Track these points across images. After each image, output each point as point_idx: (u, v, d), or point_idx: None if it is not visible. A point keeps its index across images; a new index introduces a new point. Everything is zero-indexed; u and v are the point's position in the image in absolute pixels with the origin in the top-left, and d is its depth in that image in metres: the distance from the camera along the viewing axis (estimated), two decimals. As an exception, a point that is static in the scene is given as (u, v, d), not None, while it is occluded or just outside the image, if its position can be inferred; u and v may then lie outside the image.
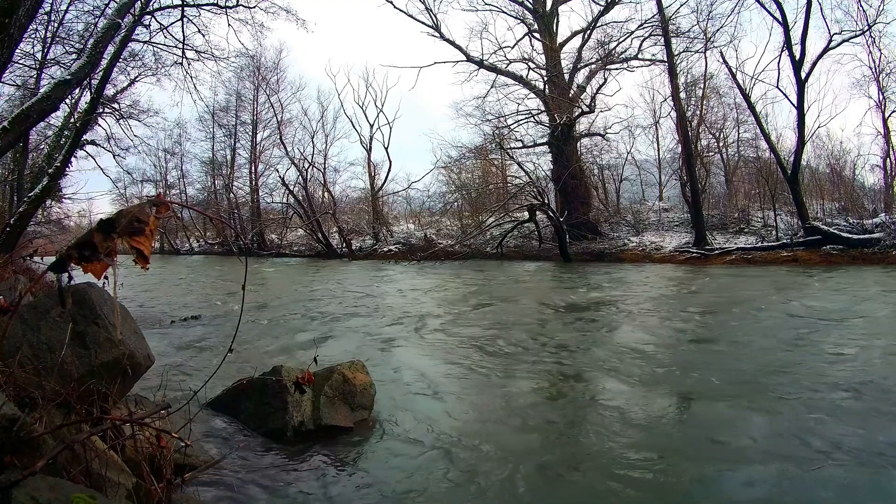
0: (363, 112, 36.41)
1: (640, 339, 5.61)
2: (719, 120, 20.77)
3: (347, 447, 3.02)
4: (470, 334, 6.15)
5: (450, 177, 25.03)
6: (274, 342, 5.96)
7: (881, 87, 16.89)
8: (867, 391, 3.67)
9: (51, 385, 2.06)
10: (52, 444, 1.65)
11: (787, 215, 16.66)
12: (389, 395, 3.87)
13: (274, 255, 26.79)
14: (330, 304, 8.98)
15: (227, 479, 2.55)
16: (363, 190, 29.09)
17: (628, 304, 7.95)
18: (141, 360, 2.57)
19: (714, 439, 3.02)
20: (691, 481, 2.57)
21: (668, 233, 18.89)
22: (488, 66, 21.88)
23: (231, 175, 30.91)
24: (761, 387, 3.85)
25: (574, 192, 20.28)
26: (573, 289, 10.34)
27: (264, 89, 28.86)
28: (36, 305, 2.45)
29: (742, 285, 9.82)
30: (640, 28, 19.57)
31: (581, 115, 20.57)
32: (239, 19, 12.73)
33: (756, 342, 5.23)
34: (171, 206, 1.38)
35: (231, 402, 3.36)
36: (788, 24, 14.35)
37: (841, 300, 7.54)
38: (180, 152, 33.55)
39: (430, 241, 22.61)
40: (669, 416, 3.44)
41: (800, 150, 14.95)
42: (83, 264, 1.26)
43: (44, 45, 12.53)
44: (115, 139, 17.93)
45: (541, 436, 3.20)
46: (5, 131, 6.18)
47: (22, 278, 4.73)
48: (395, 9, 21.84)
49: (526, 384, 4.16)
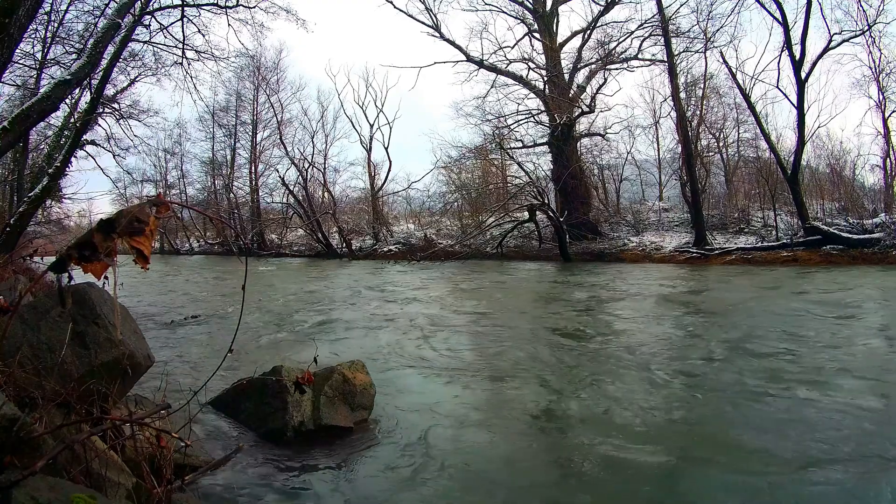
0: (363, 112, 36.58)
1: (640, 339, 5.61)
2: (719, 120, 20.83)
3: (347, 447, 3.02)
4: (470, 334, 6.15)
5: (450, 177, 25.09)
6: (274, 342, 5.96)
7: (881, 87, 16.93)
8: (867, 392, 3.67)
9: (51, 385, 2.06)
10: (52, 444, 1.65)
11: (787, 215, 16.66)
12: (389, 395, 3.87)
13: (274, 255, 26.81)
14: (330, 304, 8.98)
15: (227, 479, 2.55)
16: (363, 190, 29.19)
17: (628, 305, 7.95)
18: (141, 360, 2.57)
19: (714, 439, 3.02)
20: (691, 481, 2.57)
21: (668, 233, 18.90)
22: (488, 66, 21.90)
23: (231, 175, 30.96)
24: (761, 386, 3.85)
25: (574, 192, 20.29)
26: (573, 289, 10.34)
27: (264, 89, 28.95)
28: (36, 305, 2.45)
29: (742, 285, 9.82)
30: (640, 28, 19.64)
31: (581, 115, 20.59)
32: (239, 19, 12.78)
33: (756, 342, 5.23)
34: (171, 206, 1.38)
35: (231, 402, 3.36)
36: (788, 24, 14.38)
37: (841, 300, 7.54)
38: (180, 152, 33.66)
39: (430, 241, 22.62)
40: (669, 416, 3.43)
41: (800, 150, 14.96)
42: (83, 264, 1.26)
43: (44, 45, 12.56)
44: (115, 139, 18.00)
45: (541, 436, 3.20)
46: (5, 131, 6.19)
47: (22, 278, 4.72)
48: (395, 9, 21.95)
49: (526, 384, 4.16)
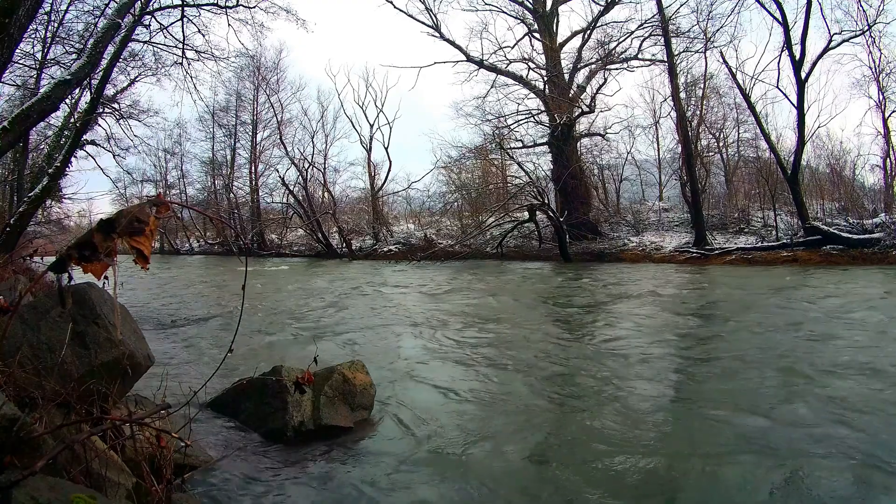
0: (363, 112, 36.52)
1: (640, 339, 5.61)
2: (719, 120, 20.83)
3: (347, 447, 3.02)
4: (470, 334, 6.15)
5: (450, 177, 25.08)
6: (274, 342, 5.96)
7: (881, 87, 16.93)
8: (867, 390, 3.67)
9: (51, 385, 2.06)
10: (52, 444, 1.65)
11: (787, 215, 16.66)
12: (389, 395, 3.87)
13: (274, 255, 26.79)
14: (330, 304, 8.98)
15: (227, 479, 2.55)
16: (363, 190, 29.17)
17: (628, 305, 7.95)
18: (141, 360, 2.57)
19: (713, 438, 3.02)
20: (690, 481, 2.57)
21: (668, 233, 18.89)
22: (488, 66, 21.89)
23: (231, 175, 30.95)
24: (761, 387, 3.85)
25: (574, 192, 20.29)
26: (573, 289, 10.34)
27: (264, 89, 28.94)
28: (36, 305, 2.45)
29: (742, 285, 9.82)
30: (640, 28, 19.63)
31: (581, 115, 20.59)
32: (239, 19, 12.76)
33: (756, 342, 5.23)
34: (171, 206, 1.38)
35: (231, 402, 3.36)
36: (788, 24, 14.38)
37: (840, 300, 7.54)
38: (180, 152, 33.64)
39: (430, 241, 22.61)
40: (669, 416, 3.43)
41: (800, 150, 14.96)
42: (83, 264, 1.26)
43: (44, 45, 12.56)
44: (115, 139, 17.98)
45: (542, 436, 3.19)
46: (5, 131, 6.18)
47: (22, 278, 4.72)
48: (395, 9, 21.93)
49: (526, 384, 4.16)
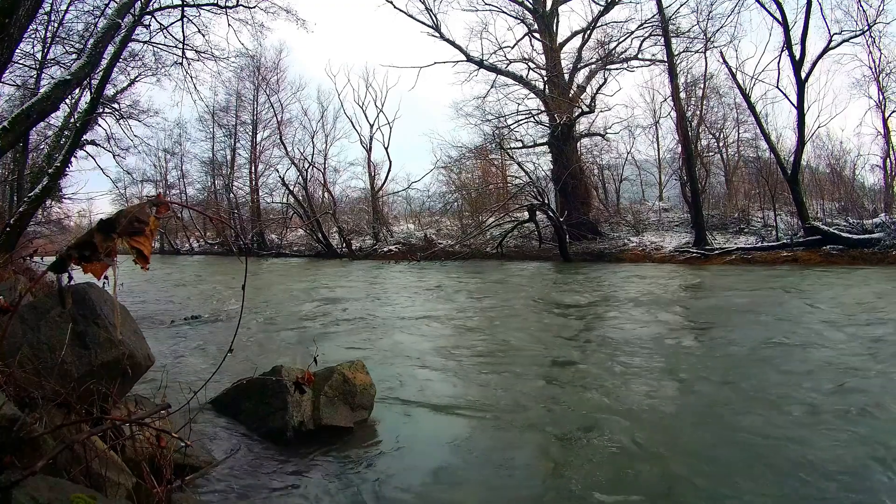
0: (363, 112, 36.55)
1: (640, 339, 5.60)
2: (719, 120, 20.81)
3: (347, 447, 3.02)
4: (470, 334, 6.15)
5: (450, 177, 25.08)
6: (274, 342, 5.95)
7: (881, 87, 16.94)
8: (868, 390, 3.67)
9: (51, 385, 2.06)
10: (52, 444, 1.65)
11: (787, 215, 16.66)
12: (389, 395, 3.87)
13: (274, 255, 26.81)
14: (330, 304, 8.98)
15: (227, 479, 2.55)
16: (363, 190, 29.17)
17: (628, 305, 7.94)
18: (141, 360, 2.57)
19: (713, 438, 3.02)
20: (693, 482, 2.57)
21: (668, 233, 18.88)
22: (488, 66, 21.88)
23: (231, 175, 30.94)
24: (761, 386, 3.85)
25: (574, 192, 20.28)
26: (573, 289, 10.33)
27: (264, 89, 28.94)
28: (36, 305, 2.45)
29: (742, 285, 9.81)
30: (640, 28, 19.60)
31: (581, 115, 20.58)
32: (239, 19, 12.76)
33: (756, 342, 5.23)
34: (171, 206, 1.38)
35: (231, 402, 3.36)
36: (788, 24, 14.37)
37: (840, 300, 7.54)
38: (180, 152, 33.64)
39: (430, 241, 22.62)
40: (671, 417, 3.43)
41: (800, 150, 14.96)
42: (83, 264, 1.26)
43: (44, 45, 12.56)
44: (115, 139, 17.96)
45: (542, 435, 3.19)
46: (5, 131, 6.19)
47: (22, 278, 4.71)
48: (395, 9, 21.89)
49: (527, 384, 4.16)
